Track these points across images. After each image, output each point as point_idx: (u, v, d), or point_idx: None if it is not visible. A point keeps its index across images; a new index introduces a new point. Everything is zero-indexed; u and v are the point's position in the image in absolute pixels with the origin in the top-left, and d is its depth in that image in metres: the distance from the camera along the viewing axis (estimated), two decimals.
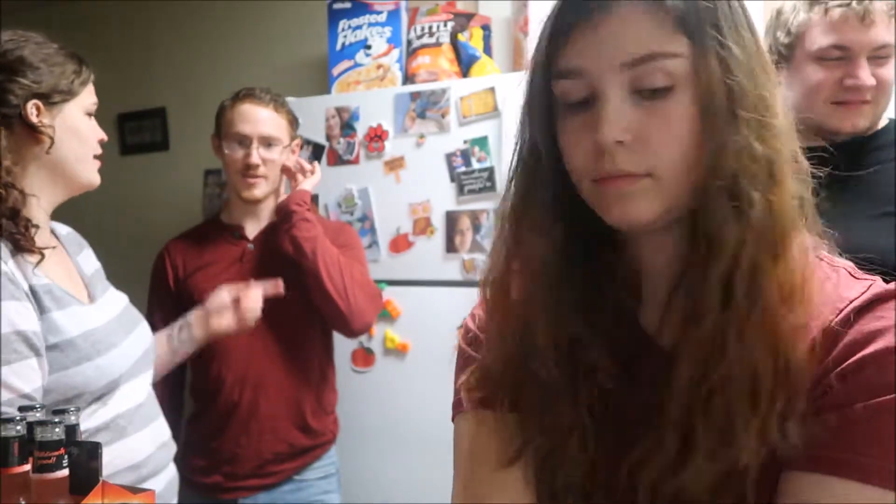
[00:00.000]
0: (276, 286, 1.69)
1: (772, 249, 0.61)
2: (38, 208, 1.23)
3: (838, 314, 0.62)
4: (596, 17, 0.61)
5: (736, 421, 0.60)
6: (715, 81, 0.60)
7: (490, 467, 0.72)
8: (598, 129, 0.62)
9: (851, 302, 0.62)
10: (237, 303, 1.63)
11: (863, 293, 0.63)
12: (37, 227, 1.20)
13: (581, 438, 0.68)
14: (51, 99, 1.22)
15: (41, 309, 1.16)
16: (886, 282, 0.65)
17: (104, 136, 1.33)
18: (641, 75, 0.61)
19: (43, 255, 1.19)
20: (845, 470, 0.58)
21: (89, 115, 1.30)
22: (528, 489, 0.71)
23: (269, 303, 1.82)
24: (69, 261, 1.33)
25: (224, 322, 1.62)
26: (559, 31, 0.64)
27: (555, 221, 0.68)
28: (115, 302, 1.36)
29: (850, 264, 0.67)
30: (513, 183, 0.72)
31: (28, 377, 1.10)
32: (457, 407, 0.79)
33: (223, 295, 1.64)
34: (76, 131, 1.26)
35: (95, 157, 1.31)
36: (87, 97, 1.29)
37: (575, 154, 0.65)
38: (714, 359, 0.60)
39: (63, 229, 1.39)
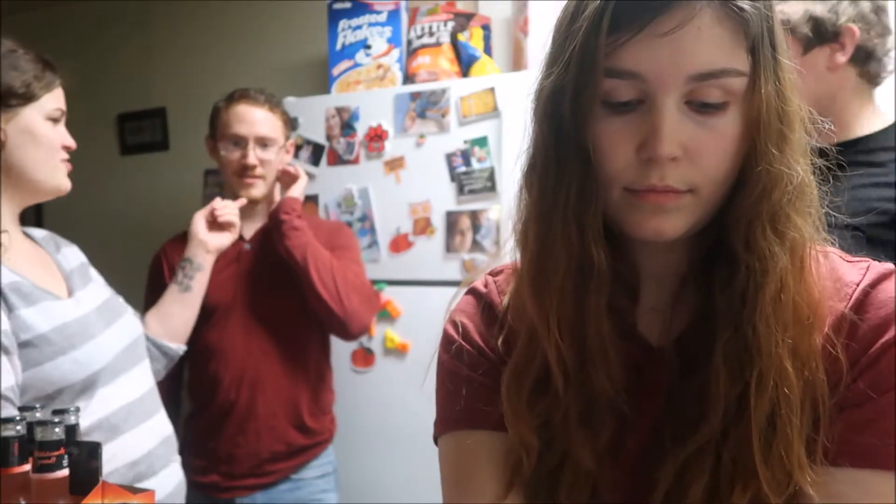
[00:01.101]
0: (241, 201, 1.80)
1: (801, 267, 0.60)
2: None
3: (848, 300, 0.61)
4: (667, 22, 0.56)
5: (784, 434, 0.58)
6: (770, 102, 0.58)
7: (483, 497, 0.67)
8: (655, 141, 0.58)
9: (857, 286, 0.61)
10: (214, 220, 1.74)
11: (864, 275, 0.62)
12: None
13: (592, 457, 0.65)
14: (5, 101, 1.21)
15: (9, 307, 1.15)
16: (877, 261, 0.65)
17: (72, 144, 1.31)
18: (701, 89, 0.58)
19: None
20: (879, 460, 0.57)
21: (53, 120, 1.28)
22: None
23: (267, 302, 1.82)
24: (47, 258, 1.32)
25: (217, 238, 1.74)
26: (618, 28, 0.57)
27: (579, 226, 0.62)
28: (97, 294, 1.35)
29: (836, 249, 0.66)
30: (532, 182, 0.66)
31: (1, 377, 1.10)
32: (441, 425, 0.74)
33: (198, 219, 1.75)
34: (33, 136, 1.24)
35: (62, 161, 1.29)
36: (50, 102, 1.27)
37: (613, 159, 0.60)
38: (768, 379, 0.59)
39: (39, 233, 1.38)
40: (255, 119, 1.80)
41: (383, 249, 2.14)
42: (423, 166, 2.09)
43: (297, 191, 1.85)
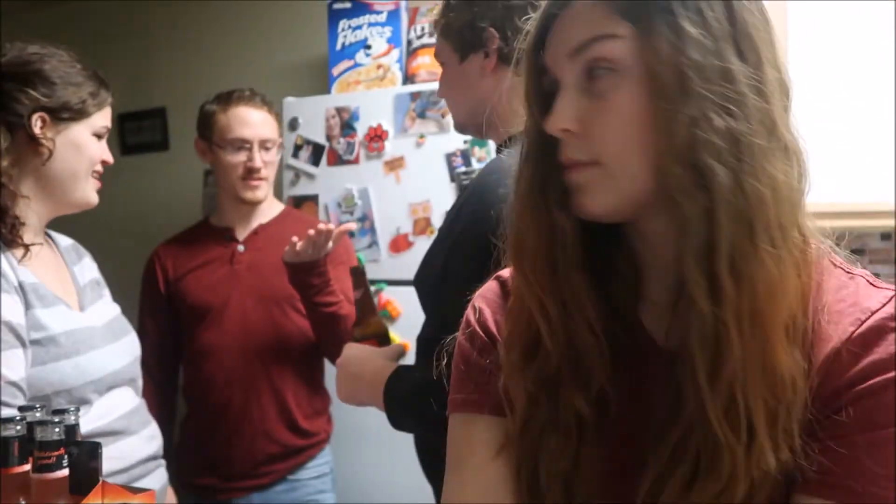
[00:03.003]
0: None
1: (749, 233, 0.58)
2: (30, 212, 1.25)
3: (860, 325, 0.59)
4: (558, 15, 0.65)
5: (758, 430, 0.57)
6: (662, 63, 0.59)
7: (475, 467, 0.72)
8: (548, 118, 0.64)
9: (874, 313, 0.59)
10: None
11: (884, 304, 0.60)
12: (23, 224, 1.22)
13: (584, 404, 0.67)
14: (59, 115, 1.25)
15: (27, 304, 1.19)
16: None
17: (110, 159, 1.35)
18: (589, 63, 0.63)
19: (28, 250, 1.22)
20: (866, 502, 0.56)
21: (98, 136, 1.32)
22: (509, 486, 0.71)
23: (261, 304, 1.81)
24: (65, 270, 1.35)
25: None
26: (540, 32, 0.68)
27: (543, 194, 0.69)
28: (106, 311, 1.38)
29: (866, 272, 0.64)
30: (520, 174, 0.72)
31: (14, 366, 1.13)
32: (451, 405, 0.78)
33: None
34: (78, 150, 1.28)
35: (95, 176, 1.33)
36: (100, 120, 1.32)
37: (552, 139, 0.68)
38: (722, 359, 0.58)
39: (64, 241, 1.41)
40: (256, 121, 1.80)
41: (383, 249, 2.14)
42: (423, 166, 2.09)
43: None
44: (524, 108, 0.71)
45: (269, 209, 1.91)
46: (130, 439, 1.30)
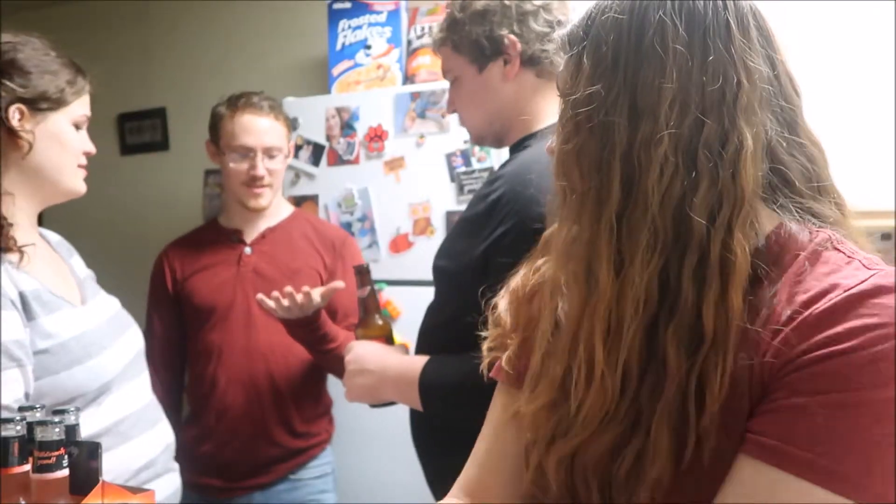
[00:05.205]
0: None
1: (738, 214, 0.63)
2: (18, 209, 1.22)
3: (830, 301, 0.59)
4: None
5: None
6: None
7: (506, 459, 0.78)
8: None
9: (847, 290, 0.59)
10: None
11: (860, 283, 0.59)
12: (11, 224, 1.19)
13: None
14: (36, 105, 1.21)
15: (29, 315, 1.16)
16: None
17: (92, 150, 1.32)
18: None
19: (23, 254, 1.18)
20: (803, 470, 0.56)
21: (77, 126, 1.29)
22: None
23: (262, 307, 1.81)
24: (62, 263, 1.33)
25: None
26: None
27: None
28: (107, 304, 1.36)
29: (870, 256, 0.64)
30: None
31: (11, 388, 1.10)
32: (495, 372, 0.82)
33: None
34: (58, 140, 1.25)
35: (80, 166, 1.30)
36: (78, 108, 1.28)
37: None
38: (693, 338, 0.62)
39: (54, 237, 1.39)
40: (261, 129, 1.79)
41: (383, 249, 2.14)
42: (423, 166, 2.09)
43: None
44: None
45: (278, 211, 1.91)
46: (135, 441, 1.28)
